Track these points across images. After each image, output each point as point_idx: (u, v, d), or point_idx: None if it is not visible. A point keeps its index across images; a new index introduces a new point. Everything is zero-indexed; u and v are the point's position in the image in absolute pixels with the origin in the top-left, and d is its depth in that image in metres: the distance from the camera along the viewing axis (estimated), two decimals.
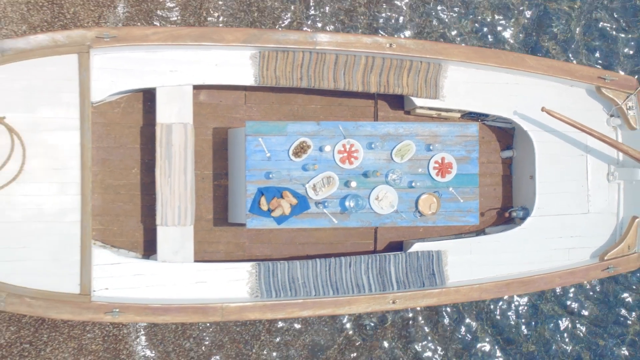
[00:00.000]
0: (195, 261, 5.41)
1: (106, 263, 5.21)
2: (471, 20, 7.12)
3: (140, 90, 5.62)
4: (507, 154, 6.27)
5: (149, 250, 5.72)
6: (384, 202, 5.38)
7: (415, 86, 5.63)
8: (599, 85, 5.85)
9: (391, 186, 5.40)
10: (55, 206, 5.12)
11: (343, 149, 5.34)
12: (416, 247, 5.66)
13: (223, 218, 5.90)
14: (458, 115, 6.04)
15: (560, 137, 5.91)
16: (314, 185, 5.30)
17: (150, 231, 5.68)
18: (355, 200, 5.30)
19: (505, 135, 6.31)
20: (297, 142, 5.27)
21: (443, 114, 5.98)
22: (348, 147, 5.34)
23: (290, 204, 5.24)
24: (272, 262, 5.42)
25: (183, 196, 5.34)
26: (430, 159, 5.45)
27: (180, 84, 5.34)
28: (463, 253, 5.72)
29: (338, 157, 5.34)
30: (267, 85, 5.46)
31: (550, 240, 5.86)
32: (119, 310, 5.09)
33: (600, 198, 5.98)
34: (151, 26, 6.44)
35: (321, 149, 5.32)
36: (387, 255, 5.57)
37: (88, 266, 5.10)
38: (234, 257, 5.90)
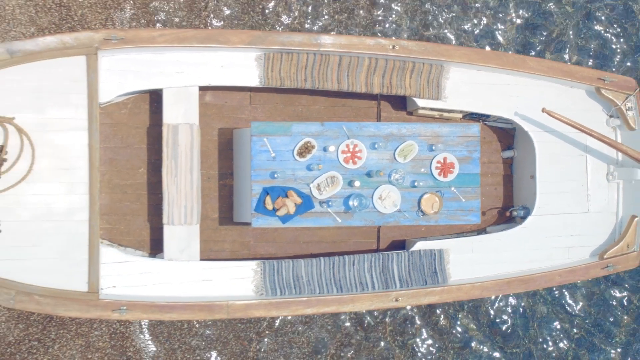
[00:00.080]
0: (201, 259, 5.44)
1: (114, 261, 5.22)
2: (467, 21, 7.14)
3: (147, 92, 5.64)
4: (508, 154, 6.28)
5: (155, 248, 5.74)
6: (387, 202, 5.40)
7: (418, 87, 5.64)
8: (598, 86, 5.86)
9: (394, 186, 5.41)
10: (64, 205, 5.13)
11: (347, 149, 5.35)
12: (418, 246, 5.67)
13: (228, 217, 5.91)
14: (460, 116, 6.04)
15: (561, 138, 5.92)
16: (318, 185, 5.31)
17: (156, 230, 5.70)
18: (359, 200, 5.32)
19: (506, 135, 6.33)
20: (302, 143, 5.29)
21: (445, 114, 5.99)
22: (352, 148, 5.35)
23: (295, 203, 5.25)
24: (277, 261, 5.42)
25: (189, 195, 5.35)
26: (432, 159, 5.47)
27: (187, 85, 5.35)
28: (465, 252, 5.73)
29: (342, 157, 5.35)
30: (272, 87, 5.47)
31: (550, 239, 5.87)
32: (127, 308, 5.10)
33: (600, 197, 5.99)
34: (158, 28, 6.44)
35: (325, 149, 5.34)
36: (390, 253, 5.58)
37: (96, 264, 5.12)
38: (239, 256, 5.91)
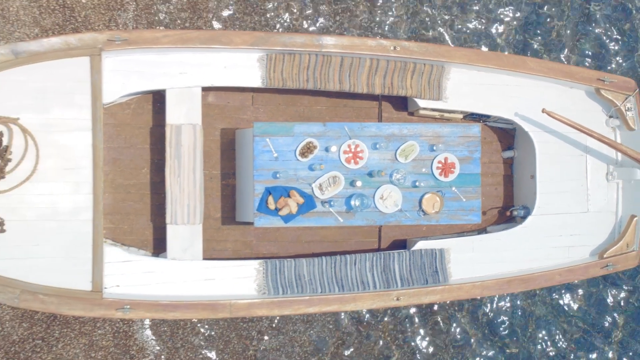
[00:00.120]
0: (204, 259, 5.44)
1: (117, 261, 5.23)
2: (466, 22, 7.16)
3: (150, 92, 5.66)
4: (509, 154, 6.30)
5: (158, 248, 5.75)
6: (389, 201, 5.42)
7: (419, 88, 5.66)
8: (598, 87, 5.89)
9: (395, 186, 5.44)
10: (68, 205, 5.15)
11: (348, 149, 5.37)
12: (419, 245, 5.69)
13: (231, 217, 5.92)
14: (460, 116, 6.06)
15: (560, 138, 5.94)
16: (320, 185, 5.34)
17: (159, 229, 5.72)
18: (361, 200, 5.34)
19: (507, 135, 6.35)
20: (304, 143, 5.31)
21: (446, 115, 6.00)
22: (353, 148, 5.37)
23: (297, 203, 5.27)
24: (279, 260, 5.44)
25: (192, 195, 5.37)
26: (433, 159, 5.49)
27: (189, 86, 5.37)
28: (465, 251, 5.75)
29: (344, 157, 5.37)
30: (274, 87, 5.49)
31: (550, 238, 5.89)
32: (130, 307, 5.11)
33: (600, 197, 6.02)
34: (161, 29, 6.43)
35: (327, 149, 5.36)
36: (392, 253, 5.60)
37: (100, 264, 5.13)
38: (241, 255, 5.92)
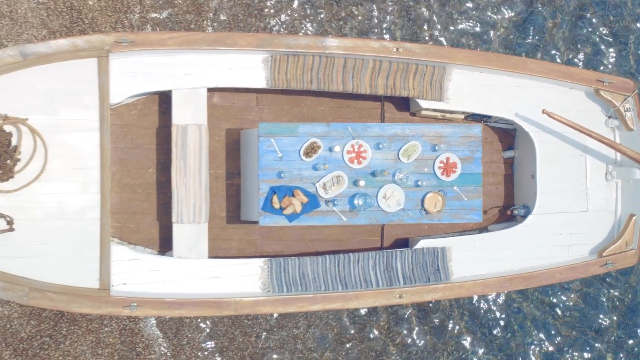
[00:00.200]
0: (209, 257, 5.48)
1: (124, 259, 5.27)
2: (466, 23, 7.21)
3: (157, 93, 5.70)
4: (509, 154, 6.33)
5: (164, 246, 5.79)
6: (391, 201, 5.46)
7: (421, 89, 5.70)
8: (597, 87, 5.92)
9: (398, 185, 5.47)
10: (76, 204, 5.19)
11: (352, 149, 5.41)
12: (422, 244, 5.73)
13: (236, 216, 5.96)
14: (462, 116, 6.10)
15: (560, 138, 5.98)
16: (324, 184, 5.38)
17: (165, 228, 5.75)
18: (364, 199, 5.38)
19: (507, 136, 6.39)
20: (308, 143, 5.35)
21: (447, 115, 6.04)
22: (357, 148, 5.41)
23: (302, 202, 5.32)
24: (283, 258, 5.47)
25: (198, 195, 5.41)
26: (435, 159, 5.53)
27: (195, 87, 5.41)
28: (467, 249, 5.79)
29: (347, 157, 5.41)
30: (278, 88, 5.53)
31: (550, 237, 5.92)
32: (137, 305, 5.15)
33: (599, 196, 6.06)
34: (167, 31, 6.49)
35: (331, 149, 5.40)
36: (394, 251, 5.64)
37: (107, 262, 5.17)
38: (246, 254, 5.96)
